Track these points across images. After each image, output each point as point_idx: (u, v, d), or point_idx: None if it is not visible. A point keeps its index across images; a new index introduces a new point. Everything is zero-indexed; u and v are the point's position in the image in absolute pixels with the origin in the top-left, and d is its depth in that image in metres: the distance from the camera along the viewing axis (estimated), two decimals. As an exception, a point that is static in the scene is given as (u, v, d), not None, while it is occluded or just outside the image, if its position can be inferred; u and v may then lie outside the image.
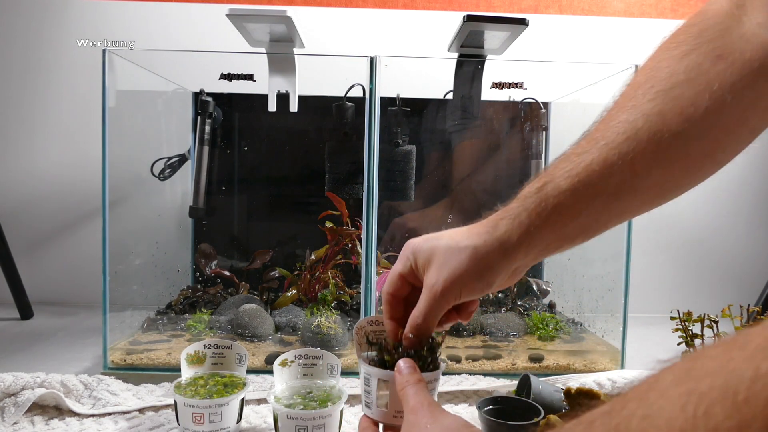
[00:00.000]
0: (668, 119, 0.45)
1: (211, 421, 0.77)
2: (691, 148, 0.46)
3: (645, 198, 0.49)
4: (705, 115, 0.44)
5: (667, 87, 0.46)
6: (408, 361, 0.54)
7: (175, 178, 1.39)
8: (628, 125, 0.46)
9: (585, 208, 0.48)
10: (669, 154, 0.46)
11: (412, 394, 0.51)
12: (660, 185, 0.48)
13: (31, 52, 1.60)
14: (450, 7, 1.65)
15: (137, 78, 1.19)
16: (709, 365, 0.22)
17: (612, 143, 0.47)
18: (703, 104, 0.44)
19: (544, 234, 0.50)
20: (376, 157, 1.05)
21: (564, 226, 0.49)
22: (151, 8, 1.61)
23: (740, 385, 0.20)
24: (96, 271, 1.06)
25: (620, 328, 1.10)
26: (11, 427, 0.81)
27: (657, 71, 0.47)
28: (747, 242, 1.70)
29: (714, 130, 0.45)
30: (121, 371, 1.03)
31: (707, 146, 0.46)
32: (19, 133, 1.61)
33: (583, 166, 0.48)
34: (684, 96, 0.45)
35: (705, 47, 0.46)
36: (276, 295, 1.30)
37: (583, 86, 1.29)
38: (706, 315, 0.94)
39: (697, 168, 0.47)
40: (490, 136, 1.44)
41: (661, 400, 0.23)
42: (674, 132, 0.45)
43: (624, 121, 0.47)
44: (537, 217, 0.49)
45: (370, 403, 0.59)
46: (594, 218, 0.49)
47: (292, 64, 1.17)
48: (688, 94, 0.45)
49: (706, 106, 0.44)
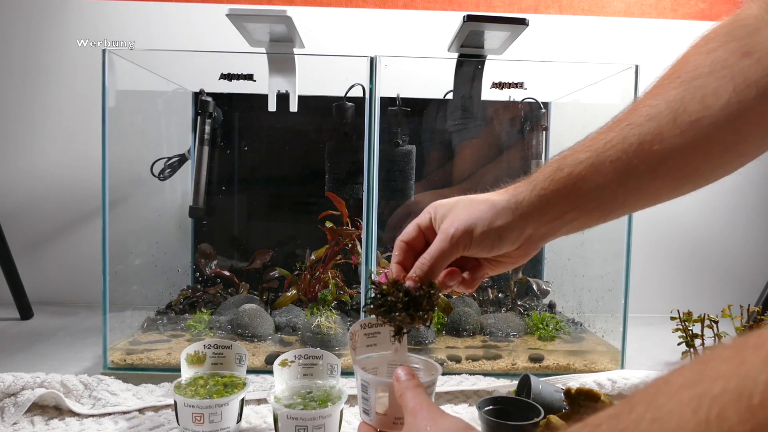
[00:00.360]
0: (688, 104, 0.46)
1: (211, 421, 0.77)
2: (710, 136, 0.46)
3: (662, 183, 0.49)
4: (726, 105, 0.45)
5: (691, 77, 0.47)
6: (405, 367, 0.56)
7: (175, 178, 1.39)
8: (651, 109, 0.48)
9: (601, 181, 0.49)
10: (687, 138, 0.46)
11: (411, 398, 0.52)
12: (678, 170, 0.48)
13: (31, 52, 1.60)
14: (450, 7, 1.65)
15: (137, 78, 1.19)
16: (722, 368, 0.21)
17: (634, 124, 0.48)
18: (725, 95, 0.45)
19: (559, 200, 0.51)
20: (376, 157, 1.05)
21: (579, 195, 0.50)
22: (151, 8, 1.61)
23: (755, 388, 0.19)
24: (96, 271, 1.06)
25: (620, 328, 1.10)
26: (11, 427, 0.81)
27: (684, 64, 0.49)
28: (747, 242, 1.70)
29: (736, 121, 0.45)
30: (121, 371, 1.03)
31: (729, 136, 0.46)
32: (19, 133, 1.61)
33: (603, 142, 0.49)
34: (707, 86, 0.46)
35: (732, 44, 0.47)
36: (276, 295, 1.30)
37: (583, 86, 1.29)
38: (706, 315, 0.93)
39: (717, 158, 0.48)
40: (489, 136, 1.44)
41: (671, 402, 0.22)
42: (693, 117, 0.46)
43: (648, 106, 0.49)
44: (552, 182, 0.51)
45: (369, 410, 0.59)
46: (609, 194, 0.50)
47: (292, 64, 1.17)
48: (712, 84, 0.46)
49: (728, 97, 0.45)
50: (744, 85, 0.45)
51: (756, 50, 0.45)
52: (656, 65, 0.87)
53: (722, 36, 0.48)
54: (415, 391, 0.52)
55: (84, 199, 1.62)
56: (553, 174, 0.51)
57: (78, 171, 1.62)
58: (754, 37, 0.46)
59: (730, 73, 0.46)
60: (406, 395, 0.52)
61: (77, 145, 1.61)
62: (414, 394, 0.52)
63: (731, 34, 0.48)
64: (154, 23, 1.61)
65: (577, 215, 0.52)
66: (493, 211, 0.54)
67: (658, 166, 0.48)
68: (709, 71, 0.47)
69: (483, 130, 1.43)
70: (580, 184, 0.50)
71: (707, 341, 0.92)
